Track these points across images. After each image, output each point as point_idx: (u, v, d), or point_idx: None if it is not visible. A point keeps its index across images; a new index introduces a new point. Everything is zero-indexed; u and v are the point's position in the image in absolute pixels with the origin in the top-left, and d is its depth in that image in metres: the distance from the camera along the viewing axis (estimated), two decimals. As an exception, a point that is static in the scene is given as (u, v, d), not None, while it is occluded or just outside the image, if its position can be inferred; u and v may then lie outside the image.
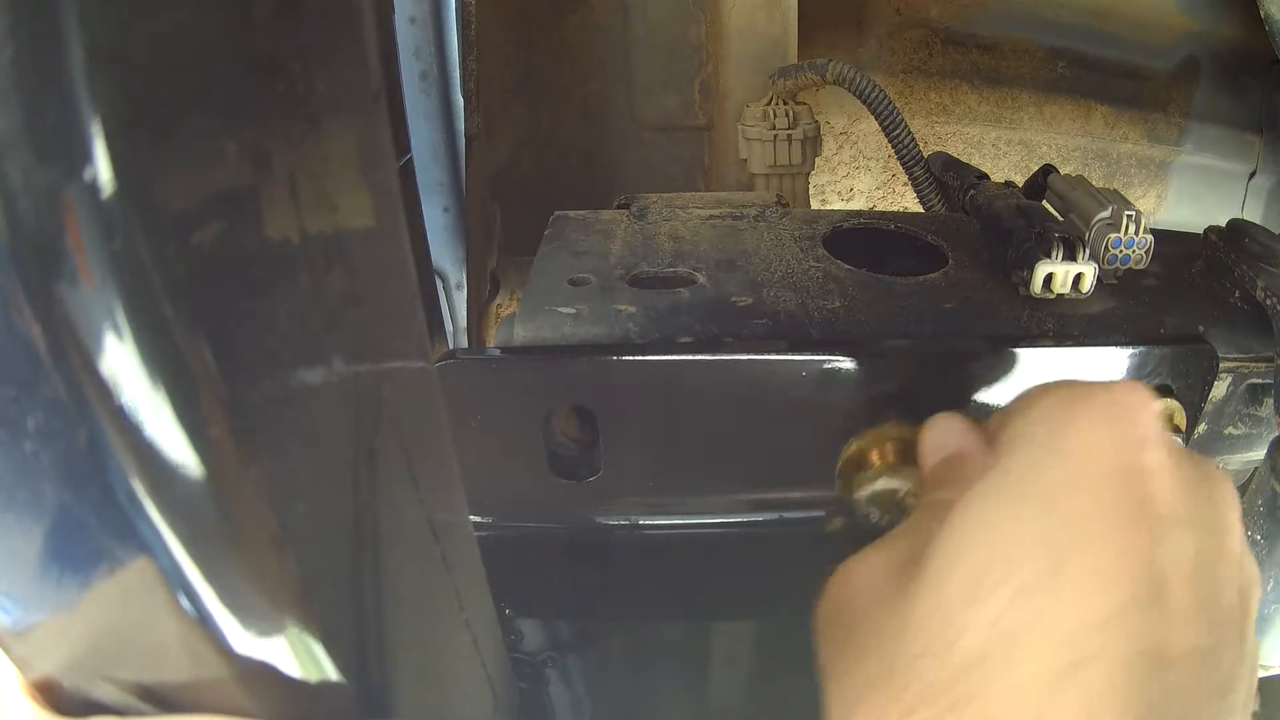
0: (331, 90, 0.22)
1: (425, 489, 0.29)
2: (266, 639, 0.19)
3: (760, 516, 0.54)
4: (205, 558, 0.18)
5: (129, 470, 0.17)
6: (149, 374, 0.16)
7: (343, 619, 0.22)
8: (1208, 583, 0.31)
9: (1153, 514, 0.30)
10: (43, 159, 0.15)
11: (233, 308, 0.19)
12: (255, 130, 0.20)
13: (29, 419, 0.16)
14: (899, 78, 1.15)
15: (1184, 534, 0.31)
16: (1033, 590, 0.28)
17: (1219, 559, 0.32)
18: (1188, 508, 0.31)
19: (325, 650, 0.21)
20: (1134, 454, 0.31)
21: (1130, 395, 0.33)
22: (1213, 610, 0.31)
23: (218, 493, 0.17)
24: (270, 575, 0.19)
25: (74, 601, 0.20)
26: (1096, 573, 0.29)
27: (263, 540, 0.19)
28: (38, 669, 0.23)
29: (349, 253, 0.23)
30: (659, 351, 0.49)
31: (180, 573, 0.18)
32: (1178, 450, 0.33)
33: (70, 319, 0.16)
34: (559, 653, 0.50)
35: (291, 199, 0.21)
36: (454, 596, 0.33)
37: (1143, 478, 0.31)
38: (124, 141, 0.15)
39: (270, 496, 0.19)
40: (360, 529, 0.24)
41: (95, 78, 0.15)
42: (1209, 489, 0.33)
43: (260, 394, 0.19)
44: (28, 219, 0.15)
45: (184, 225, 0.17)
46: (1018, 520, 0.30)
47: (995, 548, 0.30)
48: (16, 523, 0.19)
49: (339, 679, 0.22)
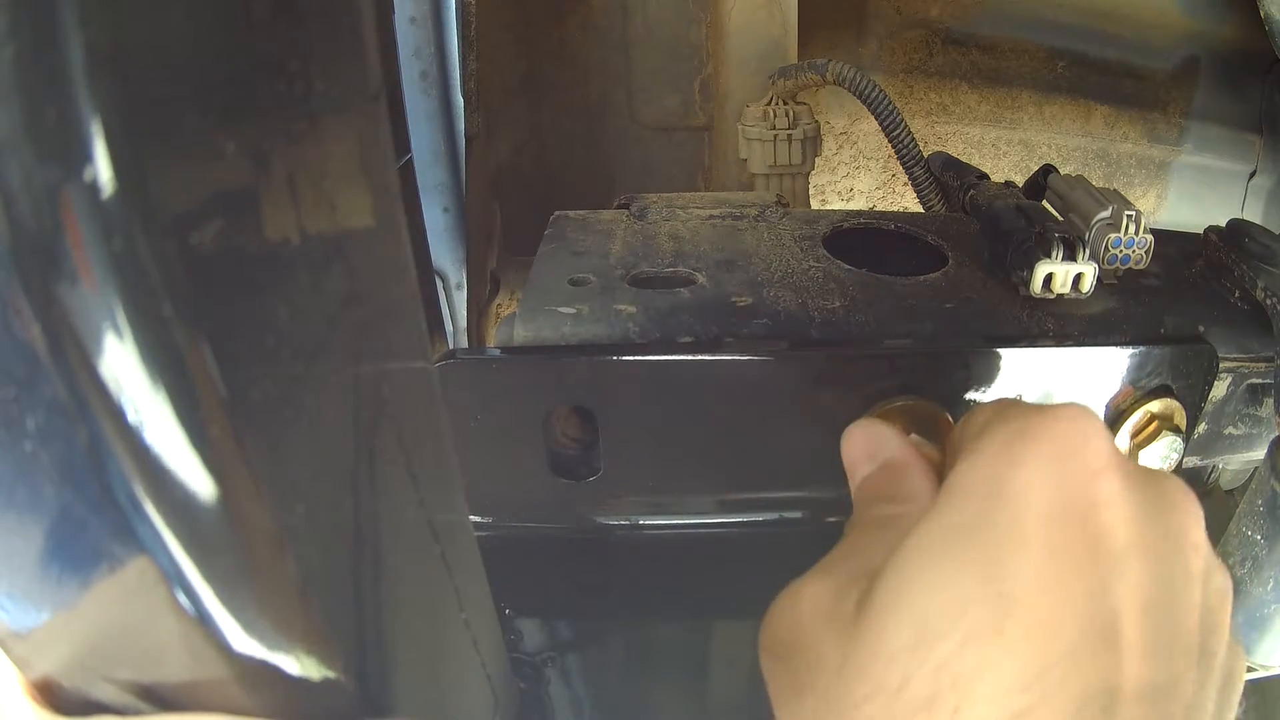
0: (331, 90, 0.22)
1: (425, 489, 0.29)
2: (266, 639, 0.20)
3: (760, 516, 0.54)
4: (205, 558, 0.18)
5: (129, 470, 0.17)
6: (149, 374, 0.16)
7: (343, 619, 0.22)
8: (1166, 611, 0.30)
9: (1103, 549, 0.30)
10: (42, 158, 0.15)
11: (233, 307, 0.19)
12: (255, 130, 0.20)
13: (29, 418, 0.16)
14: (899, 78, 1.15)
15: (1138, 564, 0.30)
16: (980, 639, 0.28)
17: (1179, 583, 0.31)
18: (1144, 534, 0.31)
19: (325, 650, 0.21)
20: (1083, 489, 0.30)
21: (1078, 423, 0.32)
22: (1171, 640, 0.30)
23: (218, 493, 0.17)
24: (271, 575, 0.19)
25: (74, 601, 0.20)
26: (1044, 618, 0.28)
27: (263, 541, 0.19)
28: (38, 669, 0.23)
29: (349, 253, 0.23)
30: (659, 352, 0.49)
31: (180, 573, 0.18)
32: (1133, 473, 0.32)
33: (70, 318, 0.16)
34: (559, 652, 0.50)
35: (291, 199, 0.21)
36: (454, 596, 0.33)
37: (1093, 512, 0.30)
38: (124, 141, 0.15)
39: (270, 497, 0.19)
40: (360, 529, 0.24)
41: (95, 77, 0.15)
42: (1167, 510, 0.32)
43: (260, 393, 0.19)
44: (27, 218, 0.15)
45: (183, 225, 0.17)
46: (963, 572, 0.29)
47: (942, 599, 0.29)
48: (16, 522, 0.19)
49: (339, 678, 0.22)
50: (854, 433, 0.40)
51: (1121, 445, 0.54)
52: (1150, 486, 0.32)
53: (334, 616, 0.22)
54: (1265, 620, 0.53)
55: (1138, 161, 1.20)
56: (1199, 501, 0.34)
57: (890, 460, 0.38)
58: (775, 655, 0.34)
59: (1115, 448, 0.32)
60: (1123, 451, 0.50)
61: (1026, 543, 0.29)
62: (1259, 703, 0.88)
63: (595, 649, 0.51)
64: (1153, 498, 0.32)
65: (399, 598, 0.27)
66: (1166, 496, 0.33)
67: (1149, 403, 0.53)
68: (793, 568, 0.35)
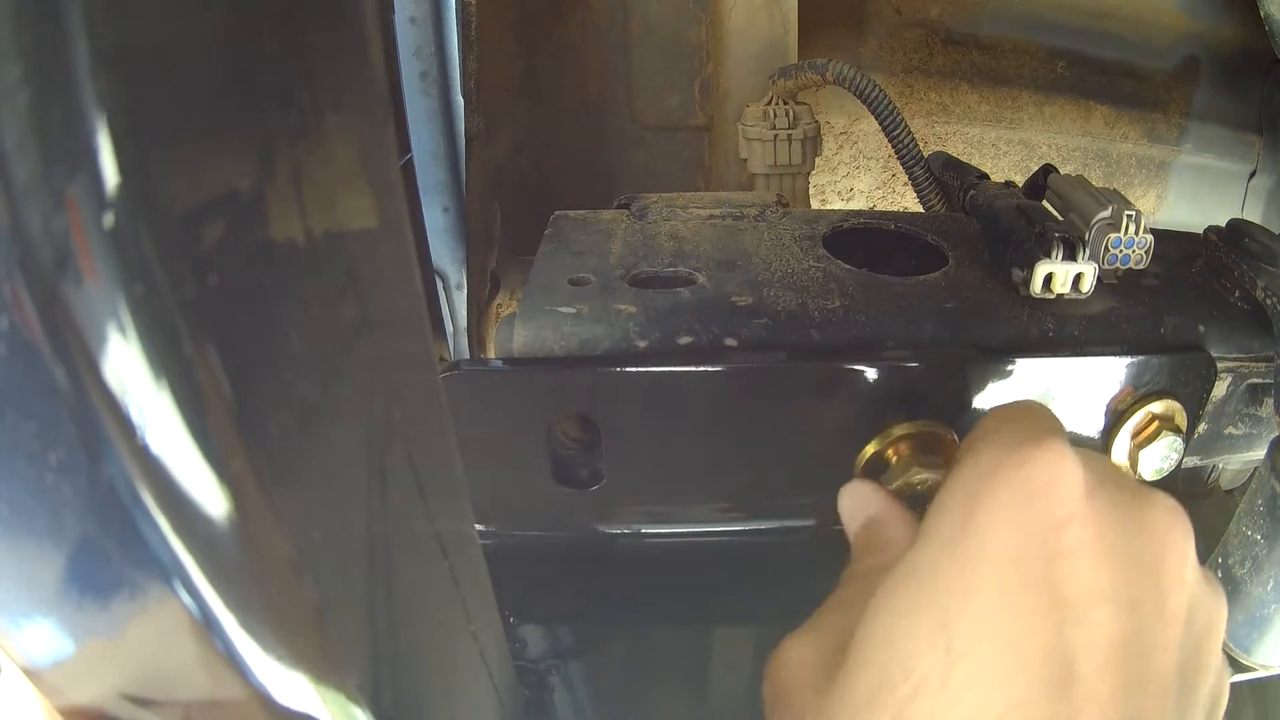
0: (335, 90, 0.23)
1: (434, 503, 0.29)
2: (285, 662, 0.20)
3: (763, 525, 0.54)
4: (225, 585, 0.18)
5: (148, 499, 0.17)
6: (164, 396, 0.16)
7: (358, 640, 0.23)
8: (1136, 655, 0.30)
9: (1060, 598, 0.30)
10: (48, 160, 0.15)
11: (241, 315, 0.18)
12: (259, 130, 0.20)
13: (50, 452, 0.17)
14: (899, 78, 1.15)
15: (1103, 611, 0.30)
16: (930, 690, 0.28)
17: (1151, 624, 0.31)
18: (1113, 579, 0.30)
19: (341, 671, 0.21)
20: (1045, 538, 0.30)
21: (1048, 467, 0.31)
22: (1143, 682, 0.30)
23: (237, 521, 0.18)
24: (289, 601, 0.19)
25: (95, 628, 0.20)
26: (991, 669, 0.28)
27: (281, 567, 0.19)
28: (62, 695, 0.23)
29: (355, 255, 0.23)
30: (661, 362, 0.49)
31: (201, 599, 0.18)
32: (1107, 513, 0.31)
33: (77, 325, 0.16)
34: (563, 660, 0.50)
35: (296, 200, 0.21)
36: (462, 609, 0.33)
37: (1053, 561, 0.30)
38: (129, 142, 0.16)
39: (287, 524, 0.19)
40: (374, 550, 0.24)
41: (100, 77, 0.15)
42: (1145, 546, 0.32)
43: (275, 419, 0.19)
44: (33, 221, 0.15)
45: (190, 223, 0.17)
46: (917, 621, 0.30)
47: (896, 648, 0.30)
48: (38, 553, 0.19)
49: (354, 698, 0.22)
50: (843, 495, 0.43)
51: (1122, 445, 0.54)
52: (1129, 525, 0.32)
53: (350, 638, 0.22)
54: (1265, 620, 0.53)
55: (1138, 161, 1.20)
56: (1187, 521, 0.33)
57: (873, 516, 0.40)
58: (769, 708, 0.35)
59: (1089, 486, 0.31)
60: (1115, 465, 0.50)
61: (980, 590, 0.29)
62: (1259, 703, 0.88)
63: (598, 656, 0.51)
64: (1130, 538, 0.31)
65: (411, 614, 0.27)
66: (1146, 531, 0.32)
67: (1150, 403, 0.53)
68: (795, 576, 0.35)
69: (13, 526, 0.19)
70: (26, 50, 0.15)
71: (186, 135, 0.17)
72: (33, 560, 0.19)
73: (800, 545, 0.54)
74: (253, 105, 0.20)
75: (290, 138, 0.21)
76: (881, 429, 0.50)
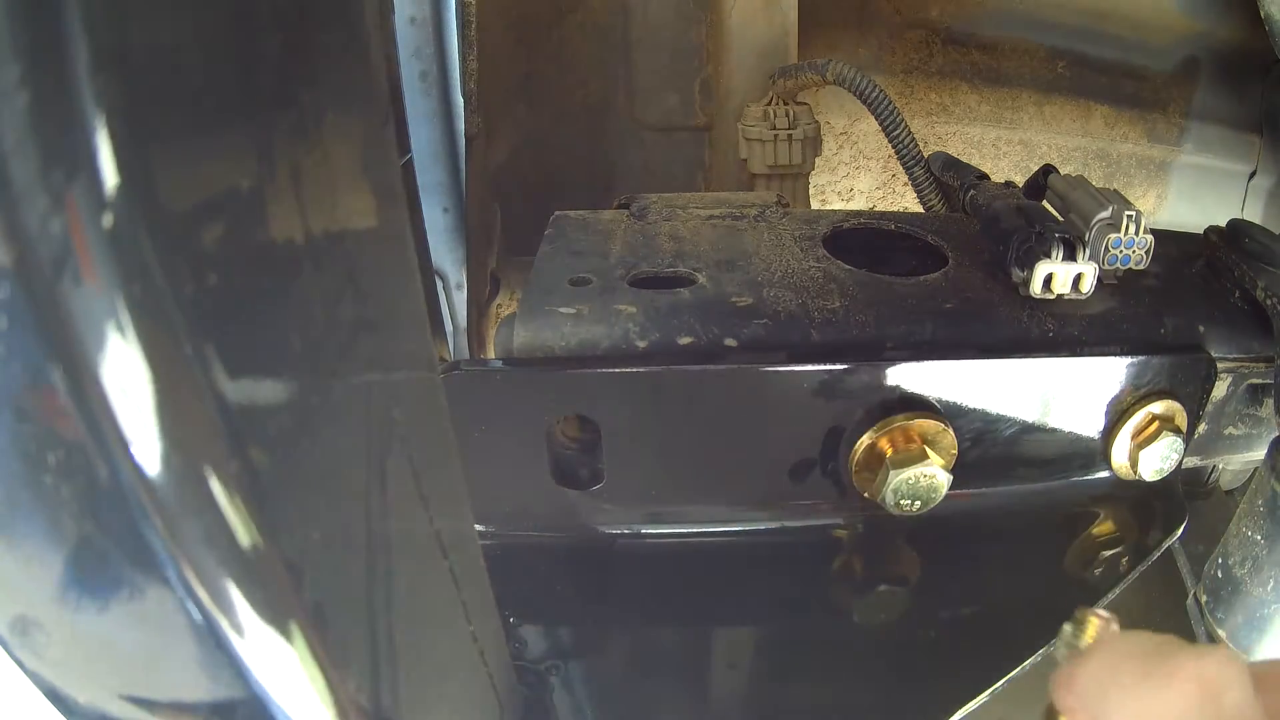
0: (335, 90, 0.23)
1: (434, 504, 0.29)
2: (283, 662, 0.20)
3: (762, 525, 0.54)
4: (223, 586, 0.18)
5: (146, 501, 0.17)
6: (154, 378, 0.16)
7: (357, 640, 0.23)
8: None
9: None
10: (48, 161, 0.15)
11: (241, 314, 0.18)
12: (259, 132, 0.20)
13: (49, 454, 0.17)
14: (899, 78, 1.15)
15: None
16: None
17: None
18: None
19: (340, 671, 0.21)
20: None
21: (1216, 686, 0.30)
22: None
23: (235, 523, 0.18)
24: (287, 602, 0.19)
25: (95, 626, 0.20)
26: None
27: (279, 568, 0.19)
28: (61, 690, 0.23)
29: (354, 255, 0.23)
30: (660, 362, 0.49)
31: (198, 599, 0.18)
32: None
33: (76, 328, 0.16)
34: (562, 660, 0.50)
35: (296, 200, 0.21)
36: (461, 610, 0.33)
37: None
38: (128, 142, 0.15)
39: (285, 525, 0.19)
40: (373, 551, 0.24)
41: (99, 79, 0.15)
42: None
43: (277, 423, 0.19)
44: (33, 222, 0.15)
45: (190, 226, 0.17)
46: None
47: None
48: (38, 549, 0.19)
49: (354, 699, 0.22)
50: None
51: (1122, 445, 0.54)
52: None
53: (348, 638, 0.22)
54: (1265, 620, 0.53)
55: (1138, 161, 1.20)
56: None
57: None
58: None
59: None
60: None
61: None
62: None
63: (598, 656, 0.51)
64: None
65: (411, 615, 0.27)
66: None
67: (1150, 403, 0.53)
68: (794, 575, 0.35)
69: (12, 527, 0.19)
70: (26, 50, 0.15)
71: (186, 135, 0.17)
72: (32, 561, 0.19)
73: (801, 544, 0.54)
74: (253, 105, 0.20)
75: (290, 138, 0.21)
76: (872, 426, 0.50)
